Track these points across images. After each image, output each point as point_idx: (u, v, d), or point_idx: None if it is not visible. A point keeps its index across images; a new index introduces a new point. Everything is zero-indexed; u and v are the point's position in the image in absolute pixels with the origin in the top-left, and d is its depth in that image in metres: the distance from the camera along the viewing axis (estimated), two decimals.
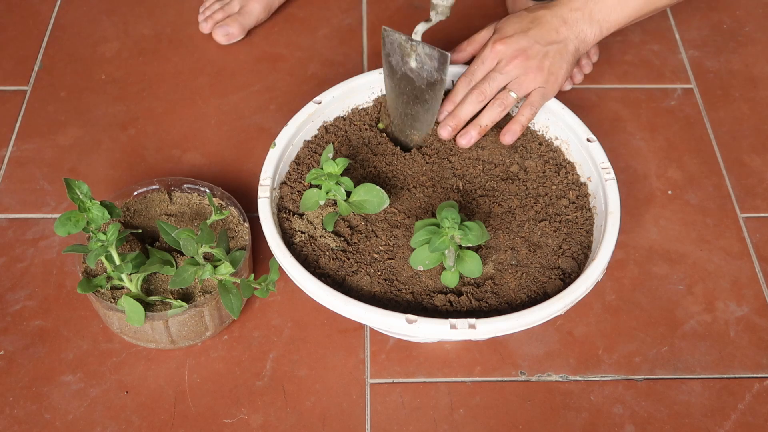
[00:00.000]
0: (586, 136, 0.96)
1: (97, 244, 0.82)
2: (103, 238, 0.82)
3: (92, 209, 0.83)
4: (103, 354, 0.92)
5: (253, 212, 0.99)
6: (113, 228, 0.83)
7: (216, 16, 1.24)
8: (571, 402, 0.90)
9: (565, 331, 0.95)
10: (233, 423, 0.87)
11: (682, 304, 0.98)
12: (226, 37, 1.23)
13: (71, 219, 0.82)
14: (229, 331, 0.94)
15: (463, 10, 1.29)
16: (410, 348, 0.93)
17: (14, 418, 0.87)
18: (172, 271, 0.88)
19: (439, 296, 0.85)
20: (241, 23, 1.23)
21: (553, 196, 0.94)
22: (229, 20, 1.22)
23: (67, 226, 0.81)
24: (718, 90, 1.20)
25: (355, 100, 1.02)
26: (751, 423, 0.88)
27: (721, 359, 0.93)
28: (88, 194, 0.82)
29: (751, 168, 1.11)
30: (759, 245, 1.03)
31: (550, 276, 0.87)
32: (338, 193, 0.87)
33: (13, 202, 1.05)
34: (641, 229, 1.04)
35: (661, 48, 1.25)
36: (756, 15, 1.30)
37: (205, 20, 1.24)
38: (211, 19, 1.24)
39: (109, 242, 0.82)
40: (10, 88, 1.18)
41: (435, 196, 0.94)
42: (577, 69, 1.19)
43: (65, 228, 0.81)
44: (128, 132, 1.13)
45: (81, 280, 0.86)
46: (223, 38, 1.23)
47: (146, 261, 0.87)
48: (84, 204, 0.82)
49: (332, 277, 0.87)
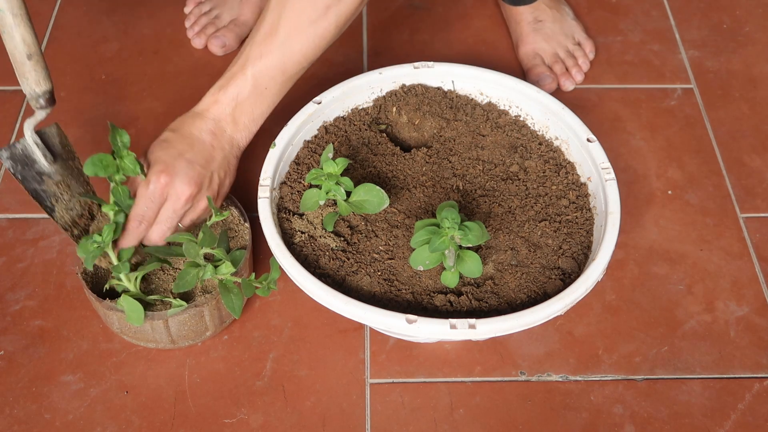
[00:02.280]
0: (586, 136, 0.96)
1: (93, 245, 0.82)
2: (99, 240, 0.82)
3: (126, 158, 0.84)
4: (103, 354, 0.92)
5: (254, 212, 0.99)
6: (108, 229, 0.83)
7: (208, 30, 1.23)
8: (571, 402, 0.90)
9: (565, 331, 0.95)
10: (233, 423, 0.87)
11: (682, 304, 0.98)
12: (223, 48, 1.22)
13: (102, 162, 0.83)
14: (229, 331, 0.94)
15: (463, 10, 1.29)
16: (410, 348, 0.93)
17: (14, 418, 0.87)
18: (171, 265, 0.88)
19: (439, 296, 0.85)
20: (237, 33, 1.22)
21: (553, 196, 0.94)
22: (225, 30, 1.22)
23: (97, 167, 0.82)
24: (718, 90, 1.20)
25: (355, 100, 1.02)
26: (751, 423, 0.89)
27: (721, 359, 0.93)
28: (127, 145, 0.84)
29: (751, 168, 1.11)
30: (759, 245, 1.03)
31: (550, 276, 0.87)
32: (338, 193, 0.87)
33: (13, 202, 1.05)
34: (641, 229, 1.04)
35: (661, 48, 1.25)
36: (756, 15, 1.30)
37: (197, 35, 1.23)
38: (203, 33, 1.23)
39: (105, 243, 0.83)
40: (10, 88, 1.18)
41: (435, 196, 0.94)
42: (576, 69, 1.19)
43: (94, 168, 0.82)
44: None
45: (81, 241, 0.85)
46: (219, 50, 1.22)
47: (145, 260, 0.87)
48: (120, 152, 0.83)
49: (332, 277, 0.87)
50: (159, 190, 0.86)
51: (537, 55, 1.20)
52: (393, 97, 1.03)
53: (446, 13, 1.29)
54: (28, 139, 0.82)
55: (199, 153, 0.88)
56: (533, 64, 1.19)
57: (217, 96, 0.90)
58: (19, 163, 0.83)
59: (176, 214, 0.88)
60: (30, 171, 0.84)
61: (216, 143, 0.90)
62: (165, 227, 0.88)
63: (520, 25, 1.22)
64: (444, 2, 1.31)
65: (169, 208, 0.87)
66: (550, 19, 1.22)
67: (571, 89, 1.18)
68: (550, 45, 1.20)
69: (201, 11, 1.25)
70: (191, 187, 0.87)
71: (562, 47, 1.20)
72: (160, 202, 0.87)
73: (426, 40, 1.26)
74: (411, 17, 1.29)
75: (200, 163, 0.88)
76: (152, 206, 0.86)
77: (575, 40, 1.22)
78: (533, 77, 1.18)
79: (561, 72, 1.19)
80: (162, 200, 0.87)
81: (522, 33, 1.22)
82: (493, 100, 1.03)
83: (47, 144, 0.84)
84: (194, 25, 1.24)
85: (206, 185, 0.89)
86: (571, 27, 1.23)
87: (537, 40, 1.20)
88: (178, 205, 0.87)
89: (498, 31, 1.27)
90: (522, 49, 1.21)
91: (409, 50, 1.24)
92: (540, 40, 1.20)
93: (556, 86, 1.18)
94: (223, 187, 0.92)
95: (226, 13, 1.24)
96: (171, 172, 0.86)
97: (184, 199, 0.87)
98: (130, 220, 0.87)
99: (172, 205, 0.87)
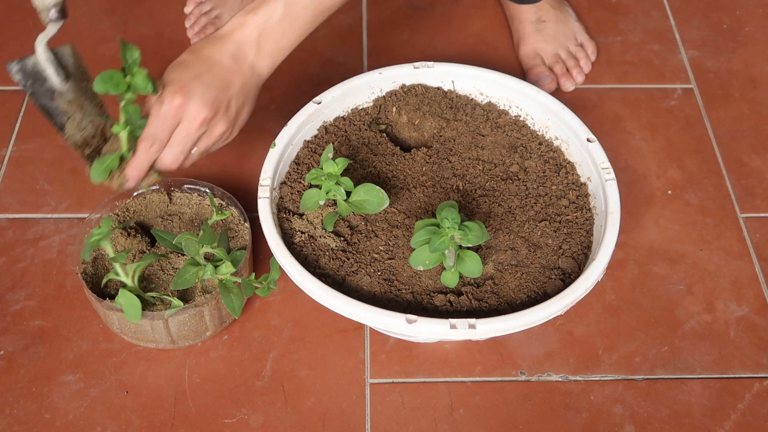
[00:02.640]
0: (586, 136, 0.96)
1: (93, 237, 0.82)
2: (98, 232, 0.82)
3: (137, 76, 0.81)
4: (103, 354, 0.92)
5: (254, 212, 0.98)
6: (106, 222, 0.83)
7: (207, 30, 1.22)
8: (571, 402, 0.90)
9: (565, 331, 0.95)
10: (233, 423, 0.87)
11: (682, 304, 0.98)
12: None
13: (113, 78, 0.80)
14: (229, 331, 0.94)
15: (463, 10, 1.29)
16: (410, 348, 0.93)
17: (14, 418, 0.87)
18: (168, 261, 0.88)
19: (439, 296, 0.85)
20: None
21: (553, 196, 0.94)
22: None
23: (107, 84, 0.79)
24: (718, 90, 1.20)
25: (355, 100, 1.02)
26: (751, 423, 0.88)
27: (721, 359, 0.93)
28: (137, 61, 0.81)
29: (751, 168, 1.11)
30: (759, 245, 1.03)
31: (550, 276, 0.87)
32: (338, 193, 0.87)
33: (13, 202, 1.05)
34: (641, 229, 1.04)
35: (661, 48, 1.25)
36: (756, 15, 1.30)
37: (197, 35, 1.23)
38: (203, 33, 1.22)
39: (103, 235, 0.82)
40: (10, 88, 1.18)
41: (435, 196, 0.94)
42: (577, 70, 1.19)
43: (104, 85, 0.79)
44: None
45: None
46: None
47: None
48: (131, 68, 0.81)
49: (332, 277, 0.87)
50: (173, 111, 0.83)
51: (537, 55, 1.20)
52: (393, 97, 1.03)
53: (446, 13, 1.29)
54: (40, 55, 0.80)
55: (217, 76, 0.85)
56: (533, 64, 1.19)
57: (244, 19, 0.87)
58: (29, 78, 0.81)
59: (189, 138, 0.85)
60: (41, 87, 0.81)
61: (236, 68, 0.87)
62: (178, 150, 0.85)
63: (522, 24, 1.22)
64: (444, 2, 1.31)
65: (182, 131, 0.84)
66: (553, 19, 1.22)
67: (572, 90, 1.18)
68: (551, 45, 1.20)
69: (201, 11, 1.25)
70: (207, 110, 0.84)
71: (563, 48, 1.20)
72: (174, 123, 0.84)
73: (426, 40, 1.26)
74: (411, 17, 1.29)
75: (218, 87, 0.85)
76: (165, 127, 0.83)
77: (577, 41, 1.22)
78: (532, 77, 1.18)
79: (561, 72, 1.19)
80: (175, 122, 0.84)
81: (524, 32, 1.22)
82: (493, 100, 1.03)
83: (60, 63, 0.82)
84: (194, 25, 1.24)
85: (222, 110, 0.86)
86: (573, 28, 1.23)
87: (538, 40, 1.20)
88: (192, 128, 0.84)
89: (498, 31, 1.27)
90: (523, 49, 1.21)
91: (409, 50, 1.24)
92: (541, 41, 1.20)
93: (556, 87, 1.18)
94: (240, 115, 0.88)
95: (227, 13, 1.23)
96: (186, 94, 0.83)
97: (198, 122, 0.84)
98: (142, 140, 0.84)
99: (186, 128, 0.84)
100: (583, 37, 1.23)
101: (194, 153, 0.87)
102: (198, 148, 0.87)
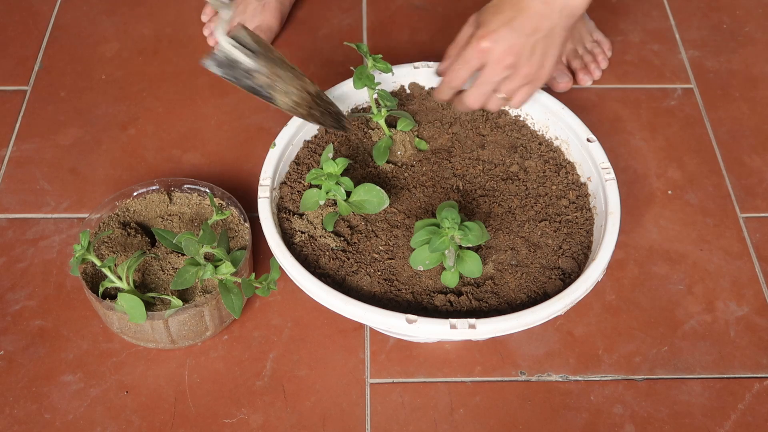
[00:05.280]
0: (586, 136, 0.96)
1: (77, 253, 0.83)
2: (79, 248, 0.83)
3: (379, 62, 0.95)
4: (103, 354, 0.92)
5: (254, 212, 0.99)
6: (84, 235, 0.84)
7: None
8: (571, 402, 0.90)
9: (565, 331, 0.95)
10: (233, 423, 0.87)
11: (682, 304, 0.98)
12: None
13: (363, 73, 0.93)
14: (229, 331, 0.94)
15: (463, 10, 1.29)
16: (410, 348, 0.93)
17: (14, 418, 0.87)
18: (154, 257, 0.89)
19: (439, 296, 0.85)
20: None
21: (553, 196, 0.94)
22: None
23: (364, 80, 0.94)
24: (718, 90, 1.20)
25: (354, 100, 1.02)
26: (751, 423, 0.89)
27: (721, 359, 0.93)
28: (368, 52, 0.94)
29: (751, 168, 1.11)
30: (759, 245, 1.03)
31: (550, 276, 0.87)
32: (338, 193, 0.87)
33: (13, 202, 1.05)
34: (641, 229, 1.04)
35: (661, 48, 1.25)
36: (756, 15, 1.30)
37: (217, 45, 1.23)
38: None
39: (84, 249, 0.84)
40: (10, 88, 1.18)
41: (435, 196, 0.94)
42: (594, 65, 1.18)
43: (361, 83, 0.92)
44: (128, 132, 1.13)
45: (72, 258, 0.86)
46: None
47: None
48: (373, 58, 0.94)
49: (332, 277, 0.87)
50: (477, 54, 0.88)
51: None
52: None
53: (446, 13, 1.29)
54: (224, 44, 0.85)
55: (526, 21, 0.87)
56: None
57: None
58: (225, 67, 0.86)
59: (491, 81, 0.89)
60: (238, 71, 0.86)
61: (546, 12, 0.87)
62: (478, 92, 0.91)
63: None
64: (444, 2, 1.31)
65: (485, 74, 0.89)
66: None
67: (589, 84, 1.18)
68: (570, 42, 1.20)
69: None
70: (510, 56, 0.87)
71: (580, 44, 1.20)
72: (475, 65, 0.89)
73: (426, 40, 1.26)
74: (411, 17, 1.29)
75: (525, 33, 0.87)
76: (466, 68, 0.89)
77: (593, 37, 1.22)
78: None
79: (580, 67, 1.18)
80: (478, 64, 0.89)
81: None
82: None
83: (242, 44, 0.86)
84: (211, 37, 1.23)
85: (526, 55, 0.88)
86: (588, 26, 1.23)
87: None
88: (494, 72, 0.88)
89: None
90: None
91: (409, 50, 1.24)
92: None
93: (571, 86, 1.18)
94: (546, 59, 0.90)
95: (249, 20, 1.20)
96: (494, 39, 0.87)
97: (501, 67, 0.88)
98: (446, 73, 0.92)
99: (489, 72, 0.89)
100: (599, 35, 1.23)
101: (498, 96, 0.91)
102: (500, 92, 0.90)
